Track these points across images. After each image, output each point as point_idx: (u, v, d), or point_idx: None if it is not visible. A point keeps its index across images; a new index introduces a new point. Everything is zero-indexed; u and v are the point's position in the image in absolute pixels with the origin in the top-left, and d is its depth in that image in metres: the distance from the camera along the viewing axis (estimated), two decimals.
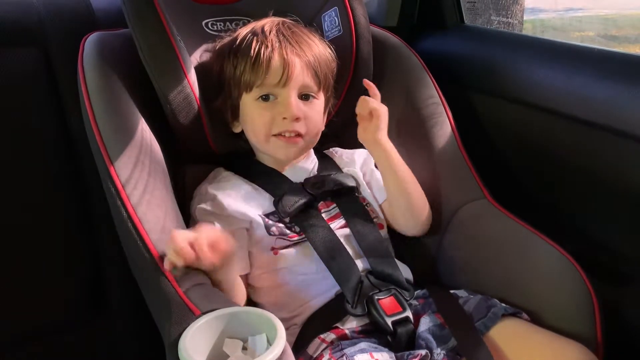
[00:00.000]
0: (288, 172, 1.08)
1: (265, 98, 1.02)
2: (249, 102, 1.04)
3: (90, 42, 1.03)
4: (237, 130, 1.09)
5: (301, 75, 1.02)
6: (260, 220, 1.01)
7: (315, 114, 1.05)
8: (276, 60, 1.01)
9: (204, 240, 0.81)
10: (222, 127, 1.09)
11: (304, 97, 1.04)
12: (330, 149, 1.18)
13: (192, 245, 0.81)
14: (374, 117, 1.05)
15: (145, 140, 0.96)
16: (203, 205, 1.02)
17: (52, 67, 1.13)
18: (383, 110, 1.05)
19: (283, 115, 1.01)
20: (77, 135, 1.12)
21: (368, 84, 1.08)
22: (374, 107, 1.05)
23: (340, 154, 1.17)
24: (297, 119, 1.01)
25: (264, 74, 1.00)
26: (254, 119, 1.03)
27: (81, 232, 1.19)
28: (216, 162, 1.12)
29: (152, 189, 0.91)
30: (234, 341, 0.78)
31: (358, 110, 1.07)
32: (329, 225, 1.02)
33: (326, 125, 1.12)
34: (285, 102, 1.01)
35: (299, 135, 1.03)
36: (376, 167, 1.13)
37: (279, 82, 1.01)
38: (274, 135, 1.03)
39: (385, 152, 1.07)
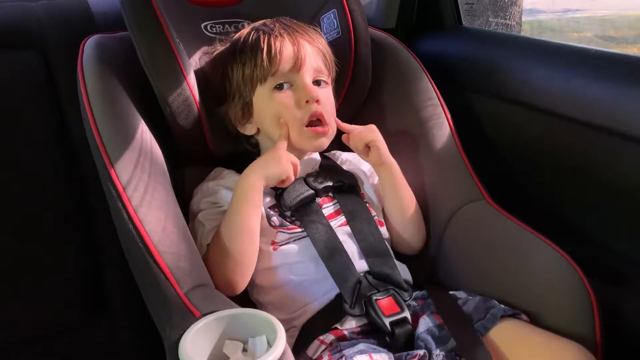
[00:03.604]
0: None
1: (280, 87, 1.03)
2: (264, 94, 1.04)
3: (89, 45, 1.03)
4: (250, 132, 1.08)
5: (313, 59, 1.04)
6: (262, 210, 1.01)
7: (330, 98, 1.07)
8: (288, 46, 1.02)
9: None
10: (221, 129, 1.09)
11: (316, 83, 1.05)
12: (332, 152, 1.18)
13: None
14: (372, 148, 1.06)
15: (145, 142, 0.96)
16: (206, 199, 1.03)
17: (51, 70, 1.13)
18: (376, 137, 1.06)
19: (305, 99, 1.01)
20: (77, 138, 1.12)
21: (340, 125, 1.07)
22: (369, 140, 1.05)
23: (344, 157, 1.17)
24: (317, 101, 1.02)
25: (279, 62, 1.01)
26: (279, 110, 1.02)
27: (81, 234, 1.20)
28: (215, 163, 1.12)
29: (153, 190, 0.91)
30: (234, 343, 0.78)
31: (353, 146, 1.07)
32: (329, 223, 1.03)
33: None
34: (302, 86, 1.02)
35: (324, 122, 1.03)
36: None
37: (293, 67, 1.02)
38: (306, 125, 1.02)
39: (390, 171, 1.08)
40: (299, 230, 1.01)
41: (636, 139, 1.00)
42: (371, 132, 1.06)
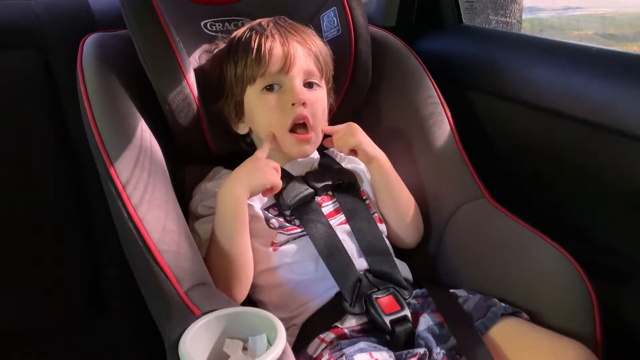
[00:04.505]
0: (289, 167, 1.08)
1: (270, 88, 1.02)
2: (254, 95, 1.03)
3: (89, 44, 1.03)
4: (242, 131, 1.09)
5: (304, 61, 1.03)
6: (260, 213, 1.01)
7: (320, 102, 1.06)
8: (278, 47, 1.01)
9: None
10: (221, 128, 1.09)
11: (308, 85, 1.04)
12: (331, 149, 1.18)
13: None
14: (358, 151, 1.06)
15: (145, 141, 0.96)
16: (204, 203, 1.02)
17: (51, 68, 1.13)
18: (359, 139, 1.06)
19: (291, 102, 1.01)
20: (77, 137, 1.12)
21: (325, 130, 1.08)
22: (352, 145, 1.05)
23: (342, 154, 1.17)
24: (304, 104, 1.01)
25: (267, 63, 1.00)
26: (264, 112, 1.03)
27: (81, 232, 1.20)
28: (215, 162, 1.12)
29: (153, 189, 0.91)
30: (234, 341, 0.78)
31: (338, 150, 1.08)
32: (328, 222, 1.02)
33: None
34: (290, 88, 1.01)
35: (308, 127, 1.03)
36: None
37: (282, 69, 1.01)
38: (290, 131, 1.02)
39: (379, 165, 1.08)
40: (299, 230, 1.01)
41: (637, 137, 1.00)
42: (353, 137, 1.06)
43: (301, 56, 1.03)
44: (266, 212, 1.02)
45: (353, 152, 1.07)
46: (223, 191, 0.96)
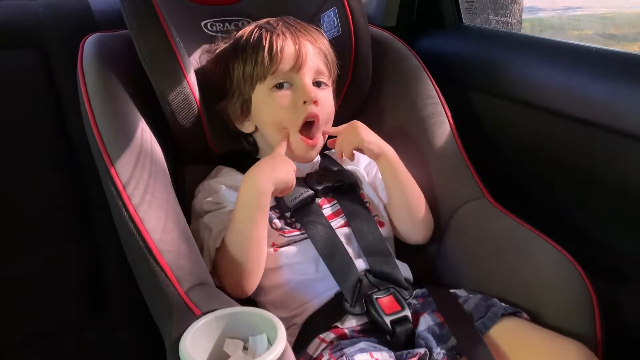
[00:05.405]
0: None
1: (280, 86, 1.02)
2: (263, 93, 1.03)
3: (89, 44, 1.03)
4: (247, 130, 1.08)
5: (315, 60, 1.03)
6: None
7: (328, 101, 1.06)
8: (290, 46, 1.02)
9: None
10: (221, 127, 1.09)
11: (316, 84, 1.04)
12: (332, 150, 1.18)
13: None
14: (364, 149, 1.06)
15: (146, 141, 0.96)
16: (209, 199, 1.02)
17: (51, 69, 1.13)
18: (362, 138, 1.05)
19: (302, 99, 1.01)
20: (77, 137, 1.12)
21: (328, 131, 1.07)
22: (355, 145, 1.05)
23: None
24: (315, 102, 1.01)
25: (279, 61, 1.00)
26: (274, 109, 1.02)
27: (81, 233, 1.20)
28: (215, 162, 1.12)
29: (153, 189, 0.91)
30: (234, 341, 0.78)
31: (339, 152, 1.07)
32: (329, 223, 1.03)
33: None
34: (302, 86, 1.01)
35: (317, 125, 1.03)
36: None
37: (293, 67, 1.01)
38: (301, 128, 1.02)
39: (387, 160, 1.08)
40: (298, 233, 1.01)
41: (637, 137, 1.00)
42: (356, 136, 1.05)
43: (312, 55, 1.03)
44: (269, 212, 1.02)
45: (359, 150, 1.06)
46: (248, 182, 0.95)
